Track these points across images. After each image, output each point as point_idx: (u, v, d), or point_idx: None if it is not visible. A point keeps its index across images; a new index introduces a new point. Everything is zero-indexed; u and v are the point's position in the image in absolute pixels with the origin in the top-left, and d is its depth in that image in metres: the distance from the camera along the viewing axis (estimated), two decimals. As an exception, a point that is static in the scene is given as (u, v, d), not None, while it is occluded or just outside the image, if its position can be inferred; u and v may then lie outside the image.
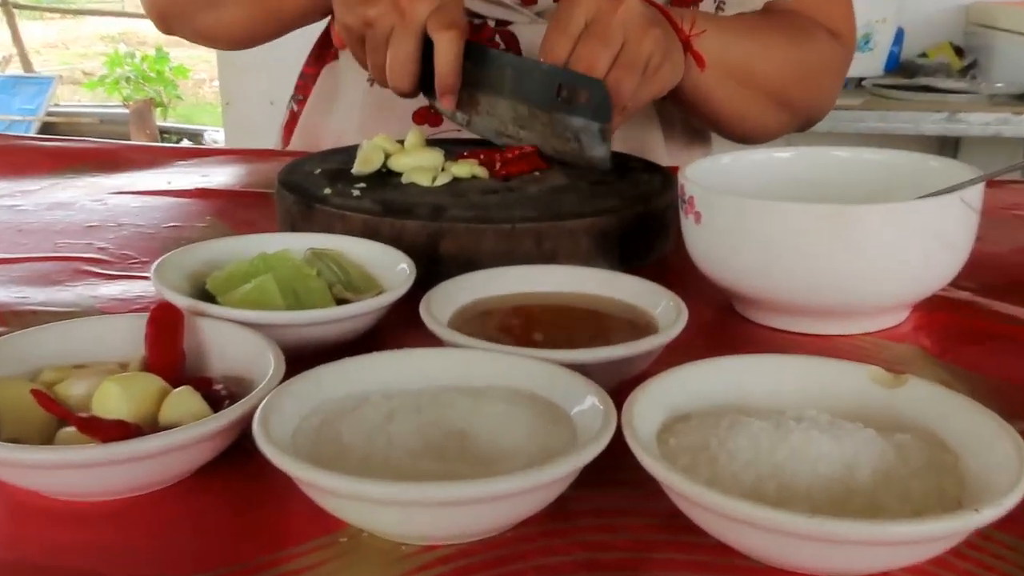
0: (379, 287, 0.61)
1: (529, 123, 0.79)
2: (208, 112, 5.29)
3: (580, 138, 0.76)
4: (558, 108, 0.77)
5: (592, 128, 0.75)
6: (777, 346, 0.60)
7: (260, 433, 0.40)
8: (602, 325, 0.57)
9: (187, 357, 0.50)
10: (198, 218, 0.85)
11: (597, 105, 0.74)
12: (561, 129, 0.77)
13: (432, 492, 0.37)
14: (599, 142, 0.75)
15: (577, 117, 0.75)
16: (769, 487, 0.40)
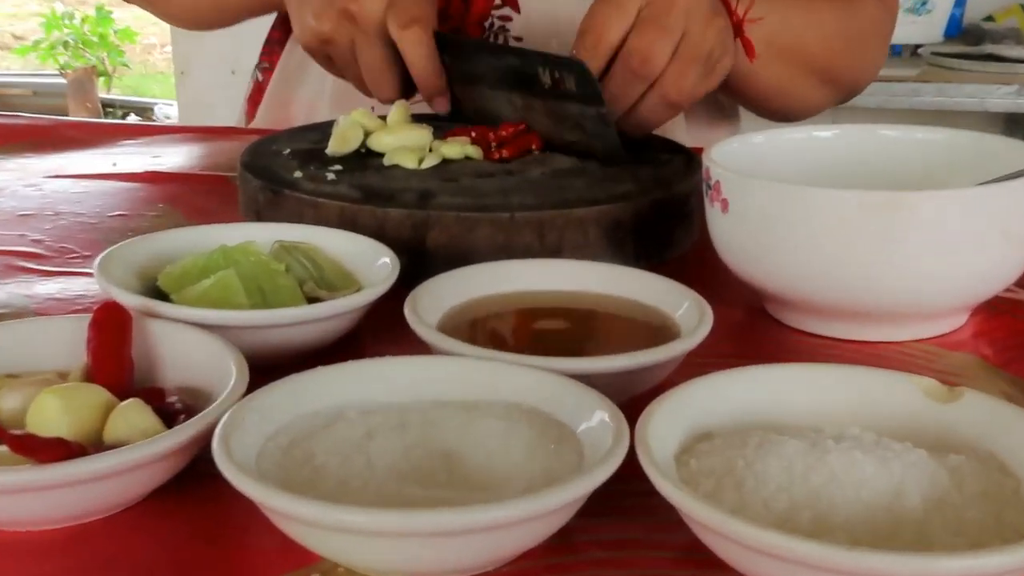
0: (357, 284, 0.61)
1: (528, 114, 0.80)
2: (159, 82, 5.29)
3: (583, 125, 0.76)
4: (551, 95, 0.77)
5: (590, 114, 0.75)
6: (815, 354, 0.60)
7: (221, 453, 0.40)
8: (614, 330, 0.58)
9: (136, 365, 0.50)
10: (148, 206, 0.86)
11: (584, 90, 0.74)
12: (560, 117, 0.77)
13: (418, 521, 0.37)
14: (602, 128, 0.75)
15: (571, 103, 0.75)
16: (804, 516, 0.40)
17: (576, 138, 0.77)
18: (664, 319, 0.57)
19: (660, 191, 0.71)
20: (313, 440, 0.44)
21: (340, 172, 0.74)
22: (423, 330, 0.52)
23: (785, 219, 0.58)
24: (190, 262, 0.60)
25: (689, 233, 0.74)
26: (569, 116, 0.76)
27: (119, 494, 0.44)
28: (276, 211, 0.71)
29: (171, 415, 0.46)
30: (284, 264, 0.61)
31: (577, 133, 0.76)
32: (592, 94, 0.74)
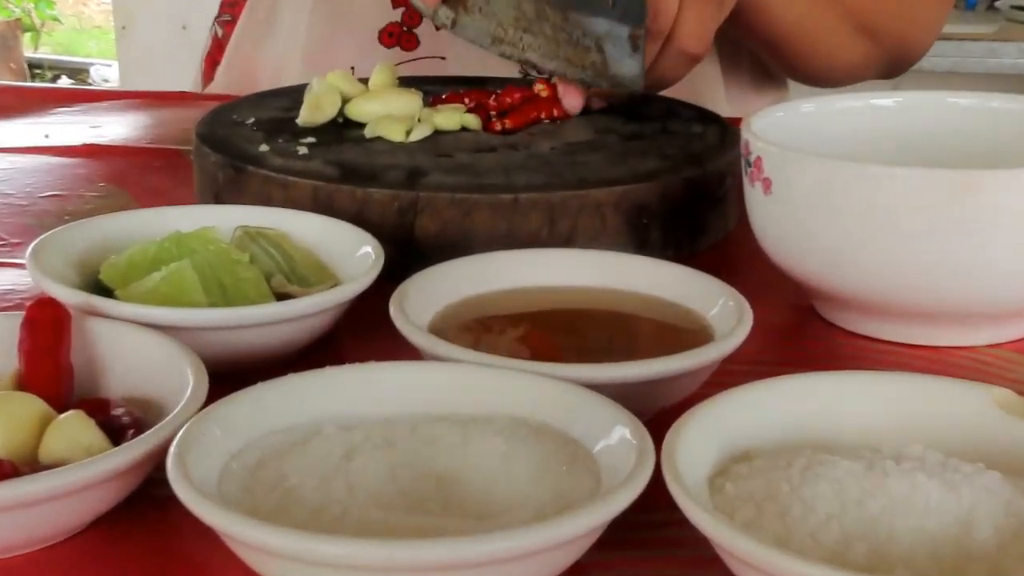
0: (334, 278, 0.62)
1: (536, 25, 0.80)
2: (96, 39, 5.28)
3: (603, 47, 0.76)
4: (575, 5, 0.77)
5: (620, 34, 0.75)
6: (872, 360, 0.61)
7: (177, 475, 0.41)
8: (636, 332, 0.58)
9: (76, 372, 0.51)
10: (88, 184, 0.86)
11: (627, 3, 0.74)
12: (578, 35, 0.77)
13: (406, 554, 0.38)
14: (628, 53, 0.75)
15: (600, 18, 0.76)
16: (859, 549, 0.41)
17: (588, 61, 0.77)
18: (695, 320, 0.57)
19: (691, 169, 0.72)
20: (284, 459, 0.44)
21: (313, 145, 0.74)
22: (412, 332, 0.53)
23: (838, 202, 0.59)
24: (138, 252, 0.60)
25: (725, 219, 0.75)
26: (590, 33, 0.77)
27: (57, 522, 0.44)
28: (238, 192, 0.71)
29: (118, 430, 0.47)
30: (248, 254, 0.61)
31: (592, 55, 0.77)
32: (634, 11, 0.74)
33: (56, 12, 5.14)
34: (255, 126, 0.79)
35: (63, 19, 5.24)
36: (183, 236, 0.61)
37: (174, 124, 1.02)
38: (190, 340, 0.52)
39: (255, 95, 0.87)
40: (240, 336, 0.55)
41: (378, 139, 0.76)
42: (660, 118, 0.81)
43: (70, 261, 0.60)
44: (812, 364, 0.60)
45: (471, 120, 0.78)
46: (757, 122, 0.66)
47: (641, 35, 0.74)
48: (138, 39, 3.16)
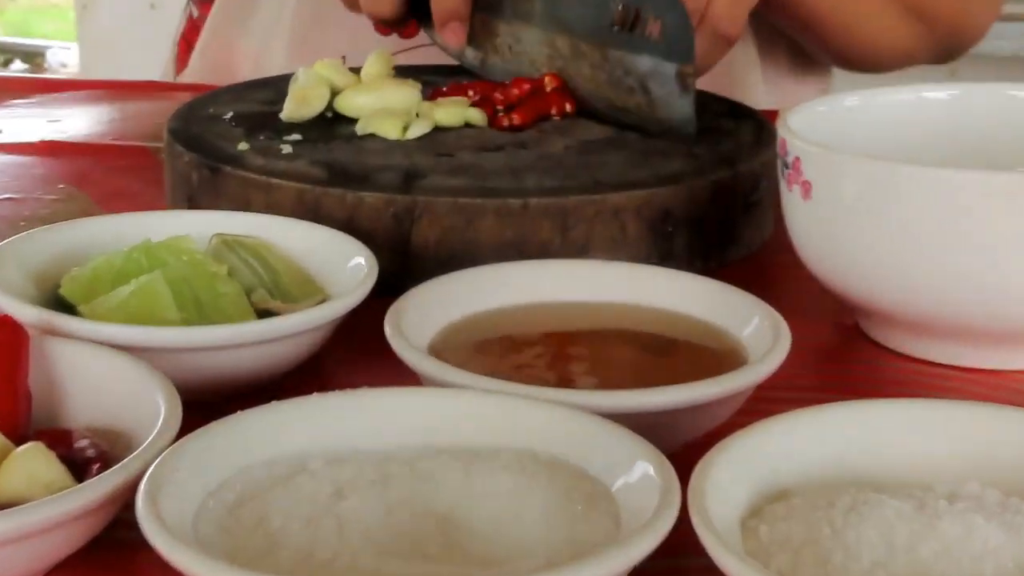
0: (322, 293, 0.62)
1: (572, 65, 0.80)
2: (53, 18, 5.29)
3: (648, 87, 0.77)
4: (615, 42, 0.78)
5: (666, 72, 0.75)
6: (924, 386, 0.61)
7: (147, 514, 0.41)
8: (660, 355, 0.59)
9: (35, 398, 0.51)
10: (45, 186, 0.87)
11: (673, 35, 0.75)
12: (620, 73, 0.78)
13: (404, 604, 0.38)
14: (677, 93, 0.76)
15: (644, 55, 0.76)
16: (909, 600, 0.41)
17: (632, 102, 0.78)
18: (726, 341, 0.58)
19: (721, 170, 0.72)
20: (267, 498, 0.44)
21: (299, 143, 0.75)
22: (409, 354, 0.53)
23: (886, 208, 0.59)
24: (102, 263, 0.61)
25: (759, 227, 0.75)
26: (633, 72, 0.77)
27: (13, 569, 0.45)
28: (215, 195, 0.72)
29: (81, 464, 0.47)
30: (226, 266, 0.61)
31: (636, 97, 0.77)
32: (682, 47, 0.74)
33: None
34: (234, 121, 0.79)
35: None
36: (153, 246, 0.61)
37: (142, 118, 1.02)
38: (162, 362, 0.52)
39: (234, 86, 0.88)
40: (217, 358, 0.55)
41: (371, 136, 0.76)
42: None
43: (27, 274, 0.61)
44: (856, 390, 0.60)
45: (475, 115, 0.78)
46: (795, 118, 0.66)
47: (690, 73, 0.74)
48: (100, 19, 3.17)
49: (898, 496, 0.44)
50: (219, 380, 0.56)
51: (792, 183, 0.63)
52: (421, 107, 0.79)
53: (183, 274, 0.59)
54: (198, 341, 0.55)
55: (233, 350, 0.56)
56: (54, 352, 0.53)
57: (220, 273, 0.60)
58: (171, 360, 0.53)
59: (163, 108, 0.98)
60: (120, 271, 0.60)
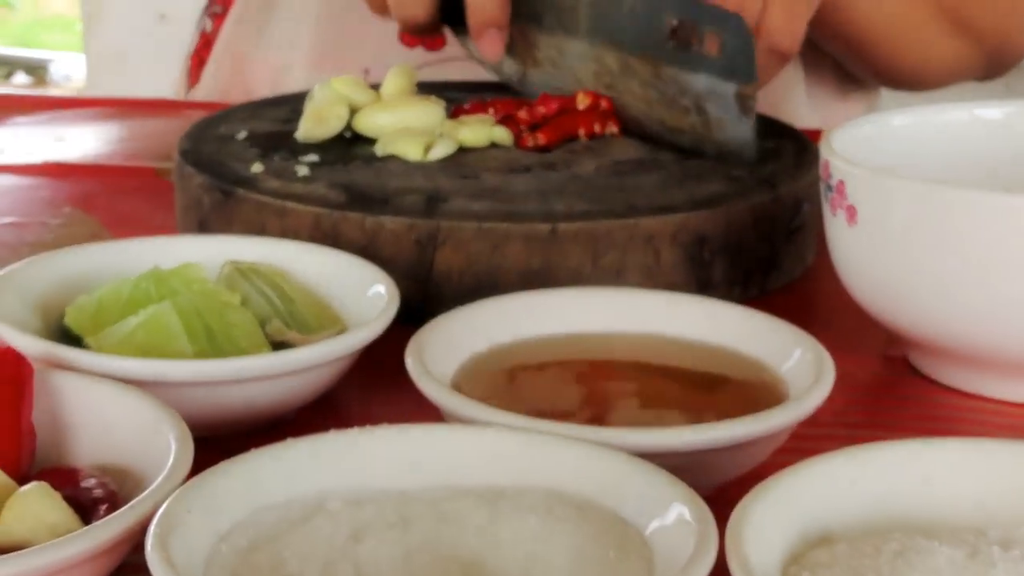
0: (340, 323, 0.62)
1: (621, 81, 0.80)
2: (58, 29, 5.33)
3: (705, 108, 0.77)
4: (669, 58, 0.77)
5: (725, 93, 0.75)
6: (977, 423, 0.61)
7: (157, 558, 0.41)
8: (696, 389, 0.59)
9: (39, 434, 0.52)
10: (50, 209, 0.87)
11: (733, 54, 0.75)
12: (674, 92, 0.78)
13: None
14: (736, 115, 0.76)
15: (700, 73, 0.76)
16: (960, 653, 0.41)
17: (687, 123, 0.78)
18: (766, 374, 0.58)
19: (761, 193, 0.72)
20: (282, 541, 0.44)
21: (316, 165, 0.75)
22: (432, 388, 0.53)
23: (936, 235, 0.59)
24: (109, 292, 0.61)
25: (801, 253, 0.75)
26: (688, 91, 0.77)
27: (16, 613, 0.45)
28: (227, 219, 0.72)
29: (88, 505, 0.47)
30: (239, 294, 0.62)
31: (691, 117, 0.77)
32: (743, 65, 0.74)
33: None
34: (248, 141, 0.79)
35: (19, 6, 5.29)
36: (163, 274, 0.61)
37: (152, 137, 1.02)
38: (172, 397, 0.52)
39: (248, 104, 0.88)
40: (230, 392, 0.56)
41: (392, 157, 0.76)
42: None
43: (31, 303, 0.61)
44: (905, 427, 0.60)
45: (502, 135, 0.79)
46: (839, 138, 0.66)
47: (751, 94, 0.74)
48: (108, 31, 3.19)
49: (949, 542, 0.44)
50: (231, 415, 0.56)
51: (836, 207, 0.63)
52: (444, 126, 0.79)
53: (194, 304, 0.59)
54: (209, 375, 0.55)
55: (246, 384, 0.56)
56: (59, 386, 0.53)
57: (233, 303, 0.60)
58: (181, 394, 0.54)
59: (174, 127, 0.98)
60: (128, 300, 0.60)
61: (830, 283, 0.67)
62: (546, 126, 0.79)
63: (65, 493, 0.47)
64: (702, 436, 0.50)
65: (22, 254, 0.78)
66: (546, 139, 0.78)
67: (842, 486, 0.47)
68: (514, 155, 0.77)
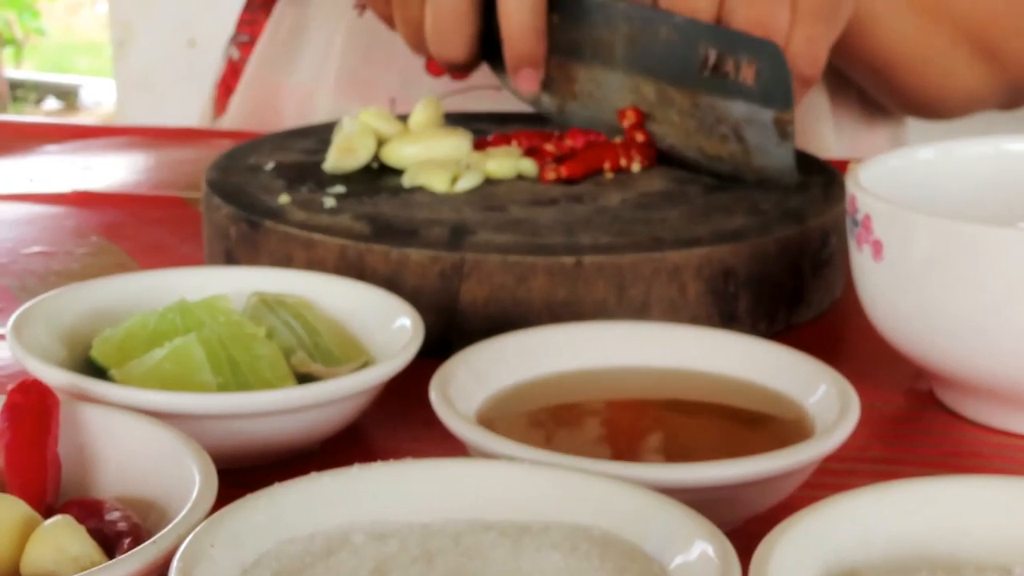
0: (365, 355, 0.63)
1: (659, 111, 0.81)
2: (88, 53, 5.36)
3: (743, 135, 0.77)
4: (705, 87, 0.78)
5: (763, 119, 0.76)
6: (1006, 459, 0.61)
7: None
8: (720, 424, 0.59)
9: (64, 466, 0.52)
10: (77, 238, 0.88)
11: (769, 81, 0.75)
12: (712, 120, 0.78)
13: None
14: (776, 141, 0.76)
15: (738, 101, 0.77)
16: None
17: (726, 151, 0.78)
18: (792, 409, 0.58)
19: (788, 227, 0.72)
20: (306, 575, 0.45)
21: (343, 196, 0.76)
22: (456, 422, 0.54)
23: (963, 270, 0.59)
24: (136, 323, 0.62)
25: (829, 287, 0.75)
26: (726, 119, 0.78)
27: (40, 646, 0.45)
28: (254, 250, 0.73)
29: (112, 537, 0.47)
30: (265, 327, 0.62)
31: (730, 145, 0.78)
32: (779, 92, 0.75)
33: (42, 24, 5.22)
34: (275, 172, 0.80)
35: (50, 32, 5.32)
36: (189, 305, 0.62)
37: (179, 166, 1.03)
38: (196, 429, 0.52)
39: (276, 135, 0.89)
40: (254, 425, 0.56)
41: (419, 189, 0.77)
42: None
43: (57, 334, 0.62)
44: (931, 463, 0.60)
45: (528, 167, 0.79)
46: (866, 172, 0.66)
47: (789, 120, 0.75)
48: (138, 56, 3.21)
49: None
50: (256, 447, 0.57)
51: (862, 242, 0.63)
52: (471, 158, 0.80)
53: (219, 336, 0.60)
54: (234, 408, 0.56)
55: (270, 417, 0.56)
56: (84, 418, 0.53)
57: (258, 335, 0.61)
58: (206, 427, 0.54)
59: (201, 156, 0.99)
60: (154, 332, 0.61)
61: (858, 316, 0.67)
62: (571, 159, 0.79)
63: (89, 526, 0.47)
64: (726, 472, 0.50)
65: (50, 283, 0.79)
66: (569, 172, 0.78)
67: (867, 523, 0.47)
68: (540, 187, 0.78)
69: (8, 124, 1.18)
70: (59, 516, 0.47)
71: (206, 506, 0.47)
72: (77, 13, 5.68)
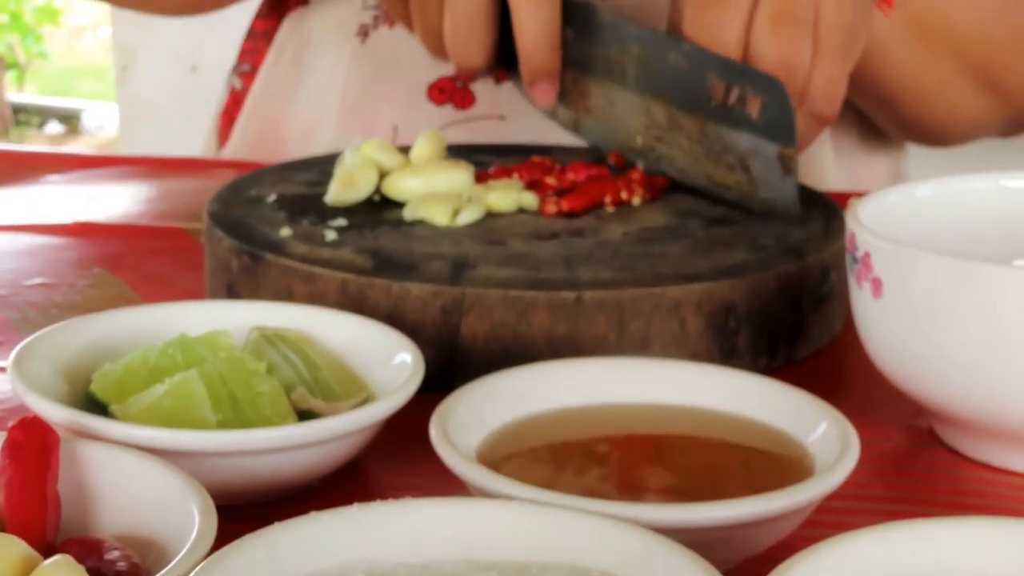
0: (365, 390, 0.63)
1: (669, 135, 0.82)
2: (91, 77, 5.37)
3: (749, 166, 0.78)
4: (713, 116, 0.79)
5: (767, 153, 0.76)
6: (1006, 498, 0.61)
7: (178, 634, 0.42)
8: (720, 463, 0.59)
9: (64, 506, 0.52)
10: (78, 270, 0.88)
11: (772, 119, 0.76)
12: (719, 149, 0.79)
13: None
14: (779, 175, 0.77)
15: (744, 132, 0.77)
16: None
17: (732, 180, 0.79)
18: (791, 447, 0.58)
19: (788, 262, 0.72)
20: (304, 616, 0.45)
21: (344, 229, 0.76)
22: (456, 460, 0.54)
23: (963, 309, 0.59)
24: (136, 358, 0.62)
25: (829, 322, 0.75)
26: (732, 149, 0.78)
27: None
28: (255, 283, 0.73)
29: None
30: (265, 362, 0.62)
31: (736, 174, 0.79)
32: (782, 127, 0.76)
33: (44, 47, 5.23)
34: (277, 204, 0.80)
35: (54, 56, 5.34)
36: (189, 341, 0.62)
37: (181, 196, 1.03)
38: (196, 466, 0.53)
39: (278, 166, 0.89)
40: (254, 462, 0.56)
41: (420, 222, 0.77)
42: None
43: (58, 369, 0.62)
44: (931, 502, 0.60)
45: (530, 200, 0.79)
46: (865, 209, 0.66)
47: (793, 155, 0.75)
48: (141, 81, 3.22)
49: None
50: (256, 484, 0.57)
51: (862, 280, 0.63)
52: (472, 191, 0.80)
53: (220, 372, 0.60)
54: (234, 446, 0.56)
55: (270, 454, 0.56)
56: (84, 455, 0.53)
57: (259, 370, 0.61)
58: (206, 464, 0.54)
59: (203, 186, 1.00)
60: (154, 367, 0.61)
61: (858, 351, 0.67)
62: (572, 193, 0.80)
63: (89, 565, 0.47)
64: (725, 512, 0.50)
65: (51, 315, 0.79)
66: (570, 206, 0.78)
67: (865, 564, 0.47)
68: (541, 221, 0.78)
69: (9, 154, 1.19)
70: (59, 555, 0.47)
71: (206, 546, 0.47)
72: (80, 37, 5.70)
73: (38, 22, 5.16)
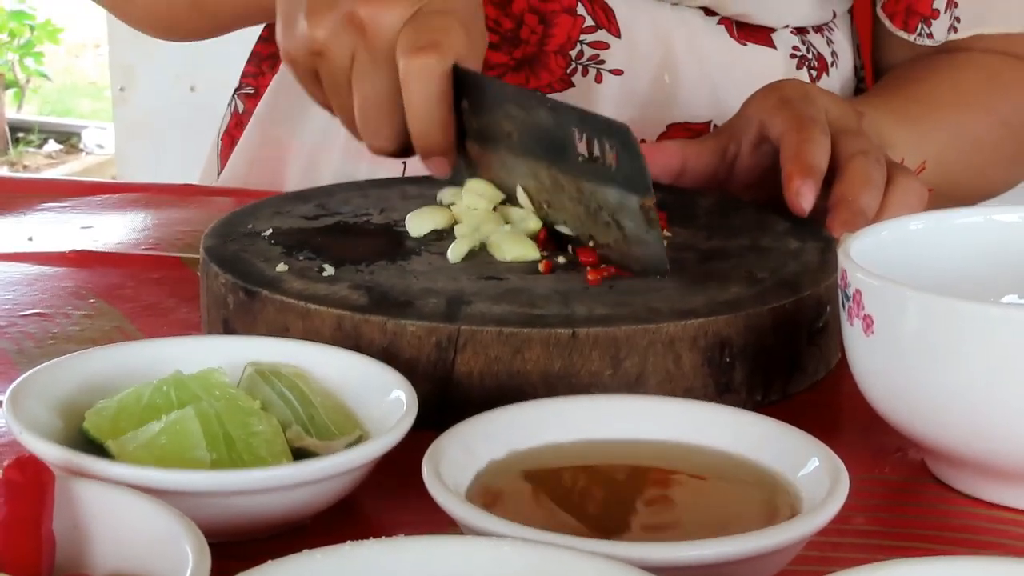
0: (359, 427, 0.64)
1: (556, 197, 0.80)
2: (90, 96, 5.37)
3: (621, 222, 0.76)
4: (585, 173, 0.77)
5: (631, 205, 0.74)
6: (997, 534, 0.61)
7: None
8: (712, 500, 0.60)
9: (58, 544, 0.53)
10: (75, 301, 0.89)
11: (626, 168, 0.74)
12: (595, 206, 0.77)
13: None
14: (644, 228, 0.75)
15: (611, 187, 0.75)
16: None
17: (611, 239, 0.77)
18: (781, 484, 0.59)
19: (783, 297, 0.73)
20: (295, 656, 0.46)
21: (341, 263, 0.77)
22: (447, 499, 0.54)
23: (954, 346, 0.60)
24: (130, 396, 0.63)
25: (825, 355, 0.76)
26: (605, 206, 0.76)
27: None
28: (251, 319, 0.74)
29: (105, 617, 0.49)
30: (260, 398, 0.64)
31: (613, 232, 0.77)
32: (635, 176, 0.74)
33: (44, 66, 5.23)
34: (273, 239, 0.81)
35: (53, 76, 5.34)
36: (184, 379, 0.63)
37: (178, 224, 1.04)
38: (190, 505, 0.53)
39: (275, 198, 0.90)
40: (248, 501, 0.57)
41: (416, 258, 0.78)
42: (749, 231, 0.83)
43: (53, 406, 0.63)
44: (922, 537, 0.61)
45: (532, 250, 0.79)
46: (857, 245, 0.67)
47: (651, 206, 0.73)
48: (138, 100, 3.22)
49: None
50: (250, 522, 0.58)
51: (853, 317, 0.64)
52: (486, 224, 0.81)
53: (215, 410, 0.61)
54: (227, 485, 0.57)
55: (265, 494, 0.57)
56: (79, 494, 0.54)
57: (253, 409, 0.62)
58: (200, 503, 0.55)
59: (200, 215, 1.00)
60: (148, 405, 0.62)
61: (852, 385, 0.67)
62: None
63: (83, 604, 0.48)
64: (714, 550, 0.51)
65: (47, 347, 0.80)
66: None
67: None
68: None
69: (6, 180, 1.19)
70: (53, 596, 0.48)
71: (200, 585, 0.48)
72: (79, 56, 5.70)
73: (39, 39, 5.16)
